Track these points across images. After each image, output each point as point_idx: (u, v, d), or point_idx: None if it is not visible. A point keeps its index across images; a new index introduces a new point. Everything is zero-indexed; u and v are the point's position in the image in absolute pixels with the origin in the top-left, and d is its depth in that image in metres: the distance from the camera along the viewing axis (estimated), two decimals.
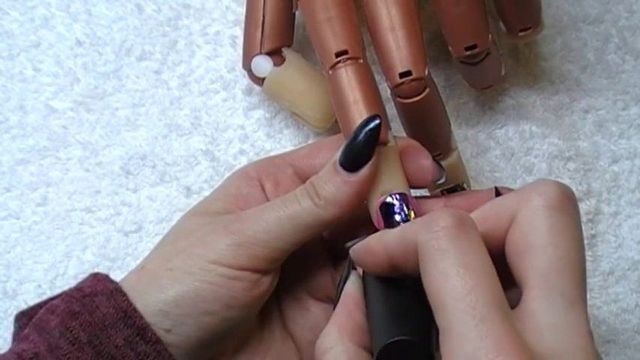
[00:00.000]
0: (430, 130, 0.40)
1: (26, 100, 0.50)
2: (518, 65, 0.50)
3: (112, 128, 0.49)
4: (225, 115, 0.49)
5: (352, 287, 0.34)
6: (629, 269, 0.47)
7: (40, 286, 0.46)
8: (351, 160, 0.35)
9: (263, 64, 0.46)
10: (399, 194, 0.35)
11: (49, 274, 0.47)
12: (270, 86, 0.46)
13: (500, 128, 0.49)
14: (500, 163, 0.48)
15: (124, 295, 0.34)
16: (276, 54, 0.46)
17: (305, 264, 0.39)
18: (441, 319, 0.27)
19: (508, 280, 0.29)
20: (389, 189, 0.35)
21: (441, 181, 0.38)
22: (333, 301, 0.35)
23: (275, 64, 0.46)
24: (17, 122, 0.49)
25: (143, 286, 0.35)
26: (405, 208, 0.35)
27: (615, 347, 0.46)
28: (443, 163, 0.41)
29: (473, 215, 0.30)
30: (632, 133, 0.49)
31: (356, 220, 0.38)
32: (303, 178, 0.38)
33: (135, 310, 0.34)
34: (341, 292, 0.35)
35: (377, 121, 0.35)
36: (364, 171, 0.35)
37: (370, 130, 0.35)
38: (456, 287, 0.26)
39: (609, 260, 0.47)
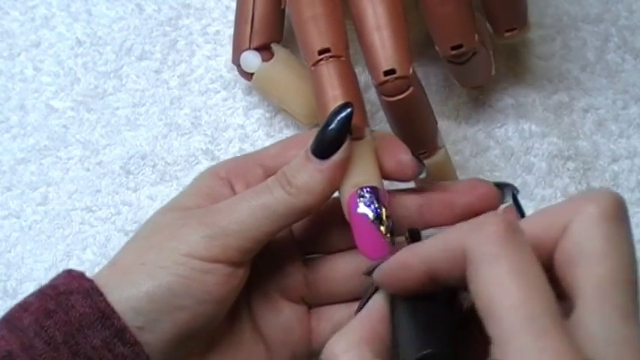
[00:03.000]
0: (415, 128, 0.40)
1: (27, 100, 0.50)
2: (518, 64, 0.50)
3: (113, 128, 0.49)
4: (225, 115, 0.49)
5: (380, 301, 0.32)
6: None
7: (40, 285, 0.46)
8: (323, 147, 0.35)
9: (252, 60, 0.46)
10: (371, 187, 0.35)
11: (50, 273, 0.47)
12: (258, 81, 0.46)
13: (499, 127, 0.49)
14: (500, 163, 0.48)
15: (101, 294, 0.34)
16: (265, 49, 0.46)
17: (277, 264, 0.39)
18: (493, 329, 0.25)
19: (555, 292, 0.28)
20: (361, 181, 0.35)
21: (422, 176, 0.38)
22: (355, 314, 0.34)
23: (264, 60, 0.46)
24: (18, 122, 0.49)
25: (115, 283, 0.34)
26: (375, 202, 0.35)
27: None
28: (429, 161, 0.41)
29: (520, 223, 0.29)
30: (632, 132, 0.49)
31: (329, 220, 0.38)
32: None
33: (113, 310, 0.33)
34: (361, 306, 0.33)
35: (349, 109, 0.35)
36: (336, 157, 0.35)
37: (342, 117, 0.35)
38: (511, 296, 0.25)
39: None
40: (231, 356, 0.37)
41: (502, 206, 0.38)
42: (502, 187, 0.38)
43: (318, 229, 0.39)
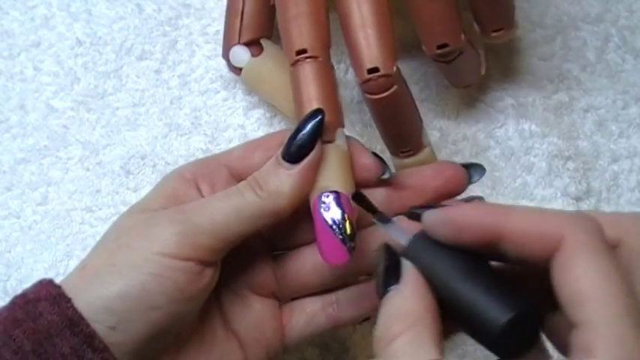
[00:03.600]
0: (399, 126, 0.41)
1: (27, 100, 0.50)
2: (518, 64, 0.50)
3: (113, 128, 0.49)
4: (225, 115, 0.49)
5: (412, 270, 0.31)
6: None
7: None
8: (294, 153, 0.36)
9: (241, 54, 0.46)
10: (334, 192, 0.36)
11: (50, 273, 0.47)
12: (247, 76, 0.47)
13: (499, 127, 0.49)
14: (500, 163, 0.48)
15: (69, 300, 0.33)
16: (254, 44, 0.46)
17: (245, 261, 0.39)
18: (587, 315, 0.27)
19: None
20: (324, 186, 0.36)
21: (385, 177, 0.38)
22: (377, 292, 0.32)
23: (253, 55, 0.46)
24: (18, 122, 0.49)
25: (85, 284, 0.34)
26: (336, 207, 0.35)
27: None
28: (414, 159, 0.41)
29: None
30: (632, 132, 0.49)
31: (296, 214, 0.38)
32: (238, 179, 0.38)
33: (81, 317, 0.33)
34: (386, 282, 0.32)
35: (320, 116, 0.36)
36: (305, 162, 0.35)
37: (313, 123, 0.36)
38: (615, 288, 0.27)
39: None
40: (204, 354, 0.37)
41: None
42: (469, 167, 0.39)
43: (286, 224, 0.39)
